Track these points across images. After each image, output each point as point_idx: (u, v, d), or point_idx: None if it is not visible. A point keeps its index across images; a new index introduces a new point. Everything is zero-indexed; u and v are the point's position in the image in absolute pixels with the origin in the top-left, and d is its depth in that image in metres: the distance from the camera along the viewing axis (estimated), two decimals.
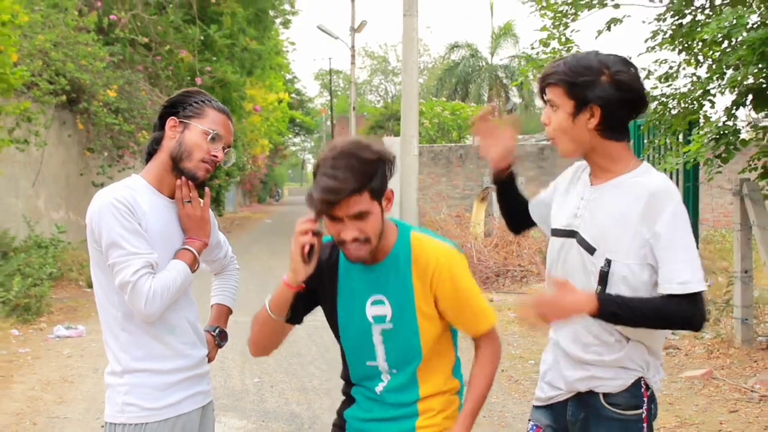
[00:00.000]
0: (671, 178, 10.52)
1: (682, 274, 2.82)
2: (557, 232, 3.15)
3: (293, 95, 58.98)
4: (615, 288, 2.92)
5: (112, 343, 3.07)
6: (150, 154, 3.18)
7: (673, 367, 8.47)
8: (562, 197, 3.22)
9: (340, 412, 3.25)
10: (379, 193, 2.85)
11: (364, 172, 2.78)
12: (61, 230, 14.72)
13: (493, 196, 19.20)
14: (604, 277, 2.93)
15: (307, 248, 2.90)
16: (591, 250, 2.98)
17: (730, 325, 9.32)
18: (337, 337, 3.16)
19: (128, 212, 2.95)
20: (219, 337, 3.50)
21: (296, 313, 3.11)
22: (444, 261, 2.95)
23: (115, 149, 18.32)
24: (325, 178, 2.77)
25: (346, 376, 3.20)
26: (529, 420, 3.29)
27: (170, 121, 3.11)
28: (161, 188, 3.13)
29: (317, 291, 3.10)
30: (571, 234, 3.07)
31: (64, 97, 15.47)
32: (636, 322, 2.89)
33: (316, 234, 2.91)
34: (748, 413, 6.92)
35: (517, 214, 3.44)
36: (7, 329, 10.56)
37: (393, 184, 3.00)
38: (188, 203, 3.14)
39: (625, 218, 2.91)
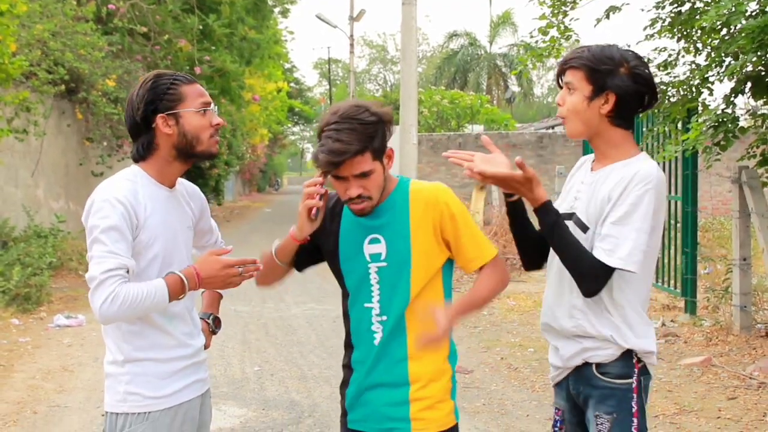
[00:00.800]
0: (670, 166, 10.51)
1: (611, 242, 3.01)
2: (563, 215, 3.26)
3: (292, 84, 58.90)
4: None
5: (112, 332, 3.07)
6: (143, 157, 3.12)
7: (672, 355, 8.48)
8: (567, 186, 3.40)
9: (342, 391, 3.35)
10: (380, 152, 3.09)
11: (365, 134, 3.02)
12: (60, 220, 14.71)
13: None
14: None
15: (314, 210, 3.16)
16: (584, 228, 3.14)
17: (728, 313, 9.33)
18: (340, 281, 3.31)
19: (124, 214, 2.94)
20: (214, 324, 3.49)
21: (299, 261, 3.36)
22: (442, 191, 3.19)
23: (114, 139, 18.30)
24: (329, 140, 3.01)
25: (348, 341, 3.32)
26: (554, 404, 3.43)
27: (159, 120, 3.05)
28: (162, 180, 3.12)
29: (320, 233, 3.27)
30: (570, 216, 3.21)
31: (63, 87, 15.45)
32: (557, 245, 3.10)
33: (322, 195, 3.15)
34: (746, 400, 6.93)
35: (528, 248, 3.40)
36: (7, 318, 10.56)
37: (393, 172, 3.15)
38: (238, 276, 3.14)
39: (610, 198, 3.07)
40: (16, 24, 12.49)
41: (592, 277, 3.03)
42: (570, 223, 3.17)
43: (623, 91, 3.08)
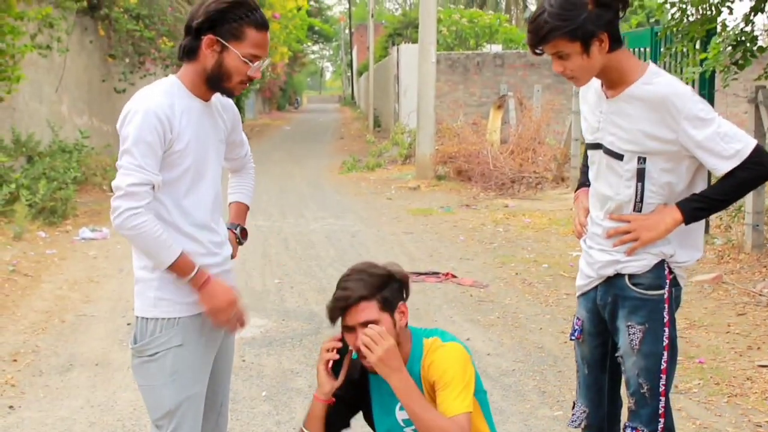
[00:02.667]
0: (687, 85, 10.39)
1: (729, 149, 2.97)
2: (588, 145, 3.31)
3: (312, 3, 58.19)
4: (654, 184, 3.09)
5: None
6: (184, 58, 3.09)
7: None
8: (584, 105, 3.34)
9: None
10: (390, 304, 3.08)
11: (372, 284, 3.05)
12: (84, 135, 14.73)
13: (510, 103, 19.07)
14: (641, 174, 3.09)
15: (330, 363, 3.16)
16: (619, 156, 3.11)
17: (740, 232, 9.31)
18: None
19: (157, 127, 2.92)
20: (241, 235, 3.48)
21: (337, 421, 3.25)
22: (441, 351, 3.09)
23: (136, 56, 18.23)
24: (338, 290, 3.09)
25: None
26: (575, 315, 3.48)
27: (208, 39, 2.98)
28: (196, 92, 3.08)
29: (355, 403, 3.28)
30: (597, 146, 3.21)
31: (85, 3, 15.34)
32: (722, 205, 3.15)
33: (341, 351, 3.16)
34: (755, 316, 6.96)
35: None
36: (34, 231, 10.67)
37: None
38: (230, 320, 3.14)
39: (646, 123, 3.03)
40: None
41: (763, 172, 3.04)
42: (599, 153, 3.18)
43: (605, 23, 2.96)
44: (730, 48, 8.29)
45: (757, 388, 5.41)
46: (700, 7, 9.05)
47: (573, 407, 3.52)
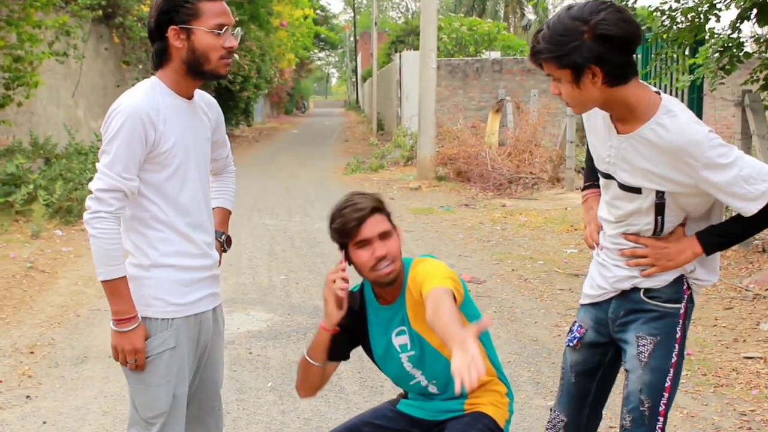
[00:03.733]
0: (676, 90, 10.40)
1: (755, 191, 2.75)
2: (599, 172, 3.07)
3: (318, 11, 58.24)
4: (673, 213, 2.90)
5: (137, 239, 2.96)
6: (159, 65, 2.98)
7: None
8: (592, 134, 3.09)
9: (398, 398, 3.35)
10: (391, 218, 3.07)
11: (376, 199, 3.03)
12: (99, 138, 14.73)
13: (508, 107, 19.06)
14: (660, 208, 2.89)
15: (341, 293, 3.06)
16: (637, 191, 2.90)
17: None
18: (382, 370, 3.28)
19: (140, 128, 2.82)
20: (226, 243, 3.34)
21: (338, 350, 3.20)
22: (420, 264, 3.02)
23: (149, 62, 18.23)
24: (347, 209, 3.00)
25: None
26: (575, 322, 3.27)
27: (171, 32, 2.88)
28: (180, 91, 2.97)
29: (354, 335, 3.21)
30: (609, 176, 2.99)
31: (100, 12, 15.37)
32: (741, 239, 2.94)
33: (345, 280, 3.06)
34: (741, 310, 6.96)
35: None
36: (51, 230, 10.68)
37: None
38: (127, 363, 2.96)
39: (662, 167, 2.80)
40: None
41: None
42: (613, 183, 2.96)
43: (600, 58, 2.68)
44: (717, 54, 8.29)
45: (742, 378, 5.42)
46: (689, 15, 9.05)
47: (550, 412, 3.32)
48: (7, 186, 11.15)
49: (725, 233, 2.90)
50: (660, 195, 2.86)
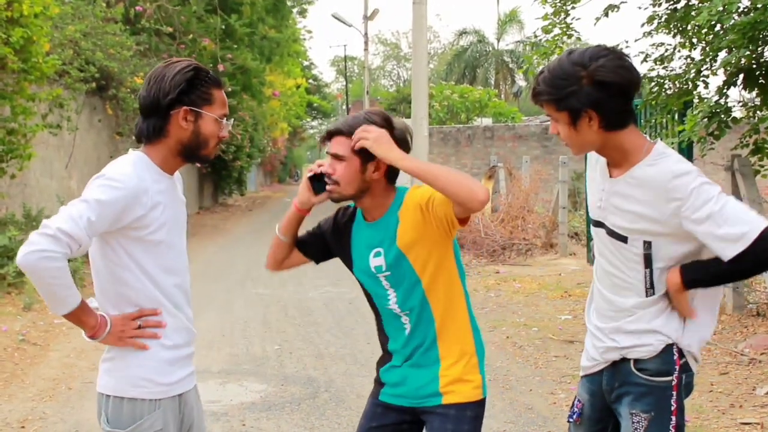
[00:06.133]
0: None
1: (735, 232, 2.71)
2: (591, 221, 3.12)
3: (310, 81, 58.81)
4: (662, 263, 2.88)
5: (122, 313, 2.93)
6: (149, 140, 2.96)
7: None
8: (590, 184, 3.15)
9: (378, 366, 3.37)
10: (365, 151, 3.04)
11: (353, 125, 3.06)
12: None
13: (500, 174, 19.19)
14: (648, 259, 2.89)
15: (310, 174, 3.17)
16: (623, 239, 2.92)
17: (722, 293, 9.31)
18: (363, 284, 3.32)
19: (129, 205, 2.79)
20: None
21: (310, 249, 3.42)
22: (417, 190, 3.15)
23: None
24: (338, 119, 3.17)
25: (380, 331, 3.34)
26: (576, 396, 3.24)
27: (182, 112, 2.88)
28: (166, 168, 2.97)
29: (334, 246, 3.34)
30: (599, 224, 3.02)
31: (93, 84, 15.50)
32: (719, 280, 2.88)
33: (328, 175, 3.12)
34: (737, 375, 6.96)
35: None
36: (43, 302, 10.65)
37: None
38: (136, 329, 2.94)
39: (647, 206, 2.83)
40: (50, 25, 12.57)
41: (763, 260, 2.75)
42: (602, 231, 3.00)
43: (598, 102, 2.76)
44: (706, 120, 8.41)
45: None
46: (677, 82, 9.20)
47: None
48: None
49: (709, 273, 2.85)
50: (647, 245, 2.87)
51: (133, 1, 19.78)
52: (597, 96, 2.75)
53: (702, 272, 2.85)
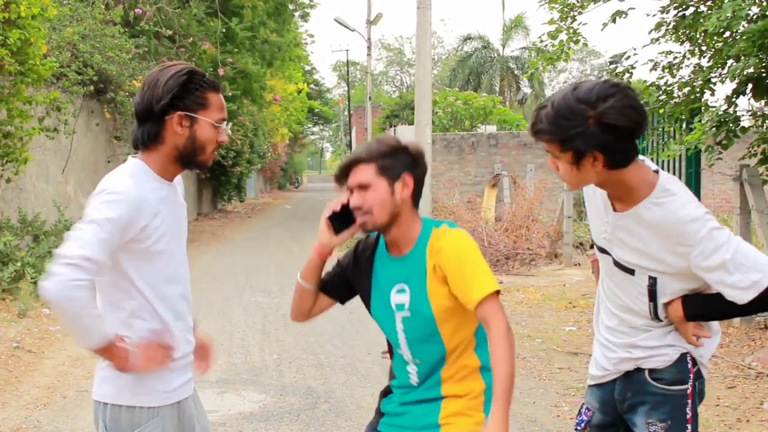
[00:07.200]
0: (673, 164, 10.52)
1: (746, 280, 2.74)
2: (596, 246, 3.12)
3: (312, 86, 59.00)
4: (666, 297, 2.91)
5: (123, 330, 2.88)
6: (145, 146, 2.93)
7: None
8: (591, 210, 3.13)
9: (380, 397, 3.34)
10: (389, 171, 3.01)
11: (377, 150, 3.02)
12: None
13: (504, 182, 19.21)
14: (653, 294, 2.91)
15: (329, 214, 3.11)
16: (630, 271, 2.94)
17: None
18: (378, 323, 3.26)
19: (131, 214, 2.77)
20: None
21: (334, 289, 3.28)
22: (449, 237, 3.00)
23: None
24: (350, 154, 3.10)
25: (392, 368, 3.29)
26: (583, 404, 3.25)
27: (175, 117, 2.86)
28: (165, 175, 2.95)
29: (355, 280, 3.24)
30: (605, 251, 3.04)
31: (91, 88, 15.57)
32: (724, 317, 2.97)
33: (348, 215, 3.08)
34: (744, 389, 6.95)
35: None
36: (38, 309, 10.66)
37: None
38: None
39: (654, 248, 2.84)
40: (47, 27, 12.63)
41: (763, 308, 2.83)
42: (608, 259, 3.01)
43: (604, 145, 2.70)
44: (714, 129, 8.42)
45: None
46: (684, 90, 9.21)
47: None
48: None
49: (712, 309, 2.89)
50: (652, 281, 2.88)
51: (133, 3, 19.85)
52: (603, 138, 2.69)
53: (704, 308, 2.90)
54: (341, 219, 3.11)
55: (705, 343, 2.97)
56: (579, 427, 3.21)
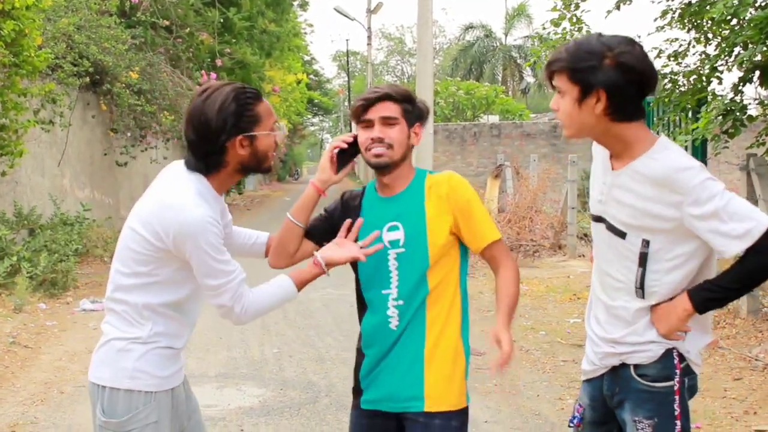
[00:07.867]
0: None
1: (738, 228, 2.73)
2: (592, 217, 3.14)
3: (311, 76, 58.91)
4: (657, 265, 2.88)
5: (139, 320, 2.98)
6: (208, 171, 3.01)
7: None
8: (592, 178, 3.17)
9: (356, 374, 3.39)
10: (410, 115, 3.19)
11: (399, 92, 3.18)
12: (86, 208, 14.81)
13: (507, 173, 19.19)
14: (643, 258, 2.89)
15: (334, 153, 3.23)
16: (621, 234, 2.93)
17: None
18: (355, 267, 3.31)
19: (219, 232, 2.93)
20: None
21: (318, 234, 3.34)
22: (455, 178, 3.26)
23: (137, 129, 18.43)
24: (367, 92, 3.22)
25: (360, 335, 3.35)
26: (576, 400, 3.26)
27: (237, 143, 2.95)
28: (222, 189, 3.08)
29: (341, 224, 3.29)
30: (599, 219, 3.04)
31: (87, 79, 15.55)
32: (736, 294, 2.93)
33: (351, 148, 3.23)
34: (751, 381, 6.95)
35: None
36: (34, 303, 10.68)
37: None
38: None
39: (649, 202, 2.84)
40: (42, 18, 12.61)
41: (762, 264, 2.80)
42: (601, 227, 3.02)
43: (612, 85, 2.78)
44: (720, 117, 8.41)
45: None
46: (690, 78, 9.20)
47: None
48: None
49: (716, 286, 2.86)
50: (645, 243, 2.88)
51: None
52: (614, 78, 2.78)
53: (711, 291, 2.85)
54: (343, 157, 3.23)
55: (688, 338, 2.94)
56: (572, 424, 3.22)
